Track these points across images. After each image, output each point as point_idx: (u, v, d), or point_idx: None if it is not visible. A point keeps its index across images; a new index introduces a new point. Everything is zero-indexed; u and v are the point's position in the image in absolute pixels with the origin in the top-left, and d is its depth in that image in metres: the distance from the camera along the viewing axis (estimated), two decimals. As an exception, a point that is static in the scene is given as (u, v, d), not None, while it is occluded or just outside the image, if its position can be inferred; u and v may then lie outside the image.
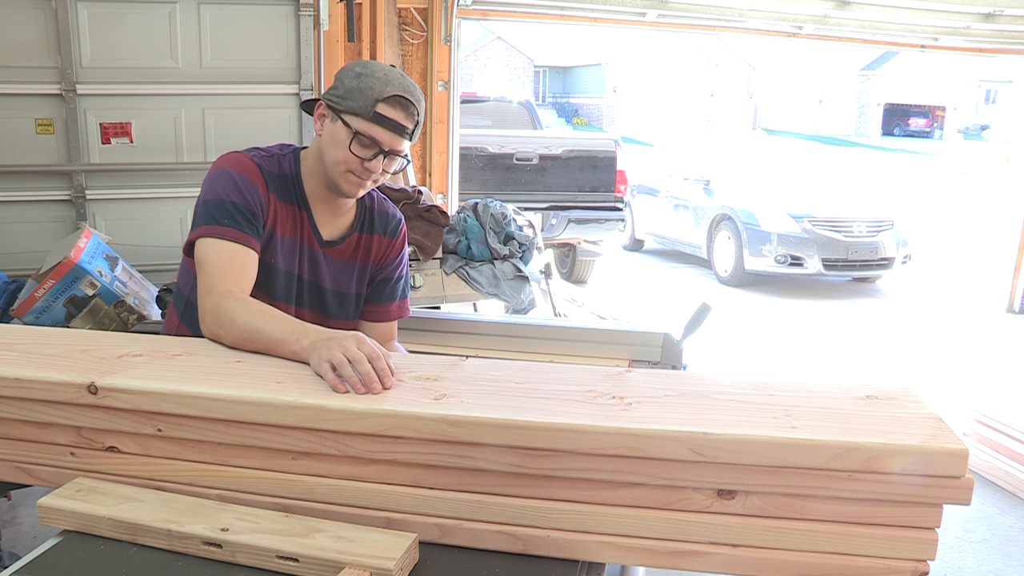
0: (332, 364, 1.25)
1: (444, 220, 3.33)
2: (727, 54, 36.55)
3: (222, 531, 1.13)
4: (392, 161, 1.62)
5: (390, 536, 1.14)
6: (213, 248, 1.52)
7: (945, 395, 4.72)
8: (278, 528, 1.15)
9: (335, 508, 1.20)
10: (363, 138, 1.56)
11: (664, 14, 5.65)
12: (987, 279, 8.41)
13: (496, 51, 35.37)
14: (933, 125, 36.49)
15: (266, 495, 1.22)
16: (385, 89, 1.55)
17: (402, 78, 1.59)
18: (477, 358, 1.52)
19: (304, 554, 1.09)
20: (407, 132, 1.59)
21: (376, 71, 1.57)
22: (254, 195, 1.58)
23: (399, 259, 1.81)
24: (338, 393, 1.22)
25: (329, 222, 1.70)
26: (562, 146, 7.36)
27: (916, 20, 6.19)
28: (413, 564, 1.12)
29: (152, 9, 3.75)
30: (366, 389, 1.21)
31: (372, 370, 1.23)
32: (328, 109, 1.60)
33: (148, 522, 1.16)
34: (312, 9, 3.98)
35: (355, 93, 1.56)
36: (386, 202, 1.81)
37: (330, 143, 1.60)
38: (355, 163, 1.58)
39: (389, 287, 1.80)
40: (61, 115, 3.69)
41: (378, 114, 1.55)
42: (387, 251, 1.78)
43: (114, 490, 1.25)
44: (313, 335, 1.35)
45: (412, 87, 1.59)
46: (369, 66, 1.59)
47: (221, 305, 1.44)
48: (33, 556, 1.15)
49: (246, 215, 1.55)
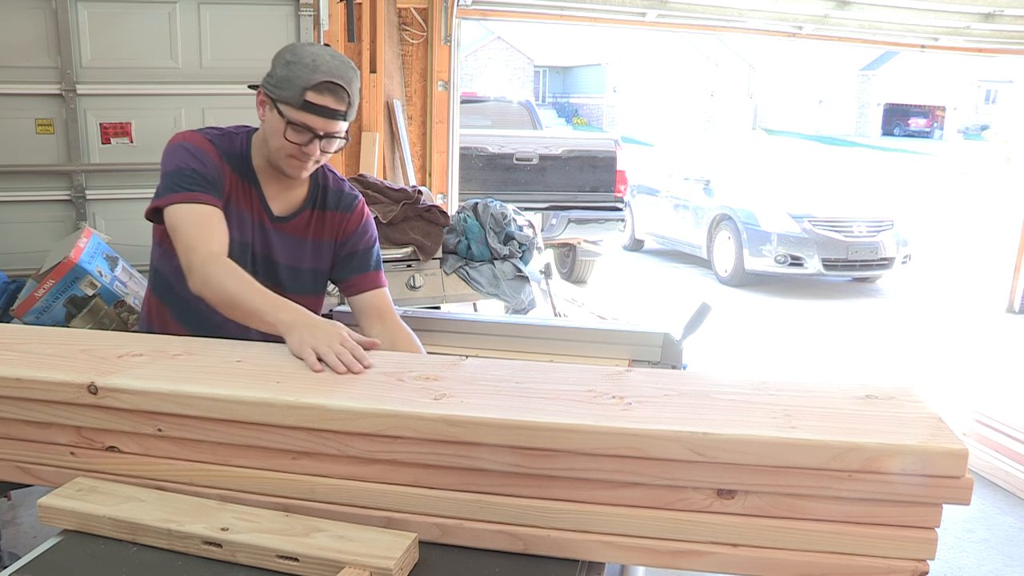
0: (318, 354, 1.33)
1: (444, 220, 3.33)
2: (727, 54, 36.55)
3: (222, 531, 1.13)
4: (331, 142, 1.67)
5: (390, 536, 1.14)
6: (186, 212, 1.58)
7: (945, 395, 4.72)
8: (278, 528, 1.15)
9: (335, 508, 1.20)
10: (296, 126, 1.61)
11: (664, 14, 5.65)
12: (987, 279, 8.42)
13: (496, 51, 35.36)
14: (933, 125, 36.49)
15: (266, 495, 1.23)
16: (313, 77, 1.58)
17: (332, 60, 1.61)
18: (477, 358, 1.52)
19: (304, 554, 1.09)
20: (340, 115, 1.64)
21: (304, 57, 1.60)
22: (211, 163, 1.64)
23: (360, 231, 1.83)
24: (315, 372, 1.31)
25: (279, 198, 1.76)
26: (562, 146, 7.36)
27: (916, 20, 6.19)
28: (413, 564, 1.12)
29: (152, 9, 3.75)
30: (346, 369, 1.31)
31: (353, 360, 1.33)
32: (266, 97, 1.65)
33: (148, 522, 1.16)
34: (312, 9, 3.98)
35: (285, 82, 1.60)
36: (343, 182, 1.86)
37: (270, 131, 1.66)
38: (293, 149, 1.64)
39: (358, 258, 1.83)
40: (61, 115, 3.69)
41: (308, 102, 1.59)
42: (344, 226, 1.82)
43: (114, 490, 1.25)
44: (292, 313, 1.45)
45: (342, 69, 1.62)
46: (298, 52, 1.62)
47: (208, 266, 1.51)
48: (33, 556, 1.15)
49: (209, 179, 1.62)
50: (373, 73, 4.82)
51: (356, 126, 4.88)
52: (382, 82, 4.85)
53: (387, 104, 4.97)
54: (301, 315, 1.44)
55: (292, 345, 1.39)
